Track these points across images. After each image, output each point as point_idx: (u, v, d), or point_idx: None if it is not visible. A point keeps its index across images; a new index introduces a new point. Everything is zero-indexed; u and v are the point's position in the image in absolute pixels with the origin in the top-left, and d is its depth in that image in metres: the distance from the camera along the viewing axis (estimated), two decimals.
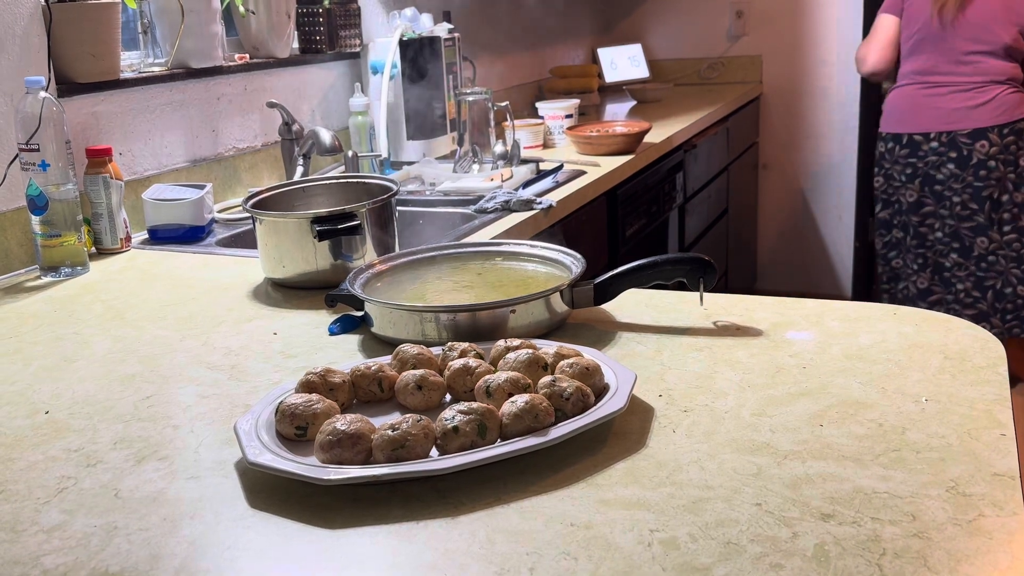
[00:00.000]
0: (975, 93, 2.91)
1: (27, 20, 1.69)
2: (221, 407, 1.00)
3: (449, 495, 0.79)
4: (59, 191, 1.55)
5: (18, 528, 0.78)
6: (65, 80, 1.78)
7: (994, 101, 2.88)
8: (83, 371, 1.13)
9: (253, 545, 0.74)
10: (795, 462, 0.81)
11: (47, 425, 0.98)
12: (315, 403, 0.89)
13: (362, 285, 1.23)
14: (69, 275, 1.58)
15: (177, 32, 2.00)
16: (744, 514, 0.74)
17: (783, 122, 4.27)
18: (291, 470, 0.80)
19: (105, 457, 0.90)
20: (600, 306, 1.20)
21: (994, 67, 2.88)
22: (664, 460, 0.83)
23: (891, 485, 0.77)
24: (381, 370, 0.97)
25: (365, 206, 1.41)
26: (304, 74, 2.43)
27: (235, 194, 2.18)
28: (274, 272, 1.43)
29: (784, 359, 1.04)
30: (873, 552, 0.68)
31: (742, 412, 0.92)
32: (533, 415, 0.84)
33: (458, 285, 1.27)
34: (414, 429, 0.82)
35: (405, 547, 0.72)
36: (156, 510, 0.79)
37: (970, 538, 0.69)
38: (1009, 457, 0.81)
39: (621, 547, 0.70)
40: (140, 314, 1.35)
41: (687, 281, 1.18)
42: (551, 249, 1.30)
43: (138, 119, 1.95)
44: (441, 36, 2.51)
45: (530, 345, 1.00)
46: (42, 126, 1.51)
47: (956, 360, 1.02)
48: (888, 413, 0.90)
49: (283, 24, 2.29)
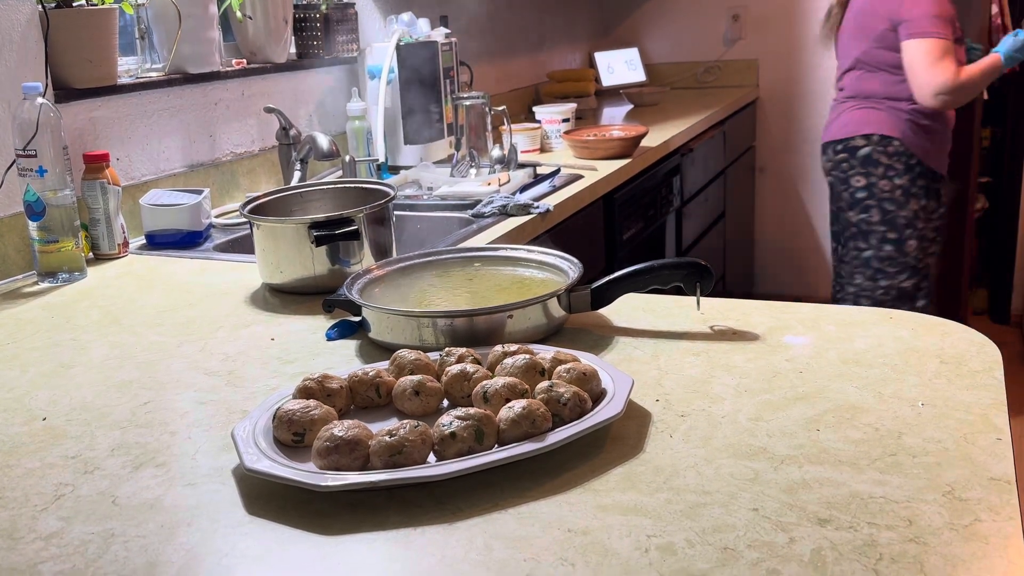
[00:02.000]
0: (834, 108, 2.93)
1: (24, 26, 1.69)
2: (218, 413, 1.00)
3: (447, 501, 0.79)
4: (56, 197, 1.55)
5: (15, 536, 0.78)
6: (62, 86, 1.78)
7: (841, 117, 2.85)
8: (80, 377, 1.13)
9: (251, 552, 0.74)
10: (792, 467, 0.82)
11: (44, 432, 0.98)
12: (312, 409, 0.89)
13: (359, 290, 1.24)
14: (66, 281, 1.58)
15: (174, 37, 2.00)
16: (741, 519, 0.74)
17: (780, 126, 4.28)
18: (289, 476, 0.80)
19: (102, 464, 0.90)
20: (597, 311, 1.20)
21: (850, 83, 2.85)
22: (661, 465, 0.83)
23: (887, 490, 0.77)
24: (379, 375, 0.97)
25: (362, 211, 1.41)
26: (301, 79, 2.43)
27: (233, 199, 2.18)
28: (272, 277, 1.43)
29: (781, 363, 1.04)
30: (870, 557, 0.68)
31: (739, 417, 0.92)
32: (530, 421, 0.84)
33: (455, 290, 1.28)
34: (411, 435, 0.82)
35: (403, 553, 0.72)
36: (153, 517, 0.79)
37: (966, 543, 0.70)
38: (1005, 462, 0.81)
39: (619, 553, 0.70)
40: (137, 320, 1.35)
41: (684, 286, 1.19)
42: (548, 254, 1.30)
43: (135, 124, 1.95)
44: (438, 41, 2.51)
45: (527, 350, 1.00)
46: (39, 132, 1.52)
47: (952, 364, 1.02)
48: (884, 418, 0.90)
49: (280, 29, 2.29)
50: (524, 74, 3.70)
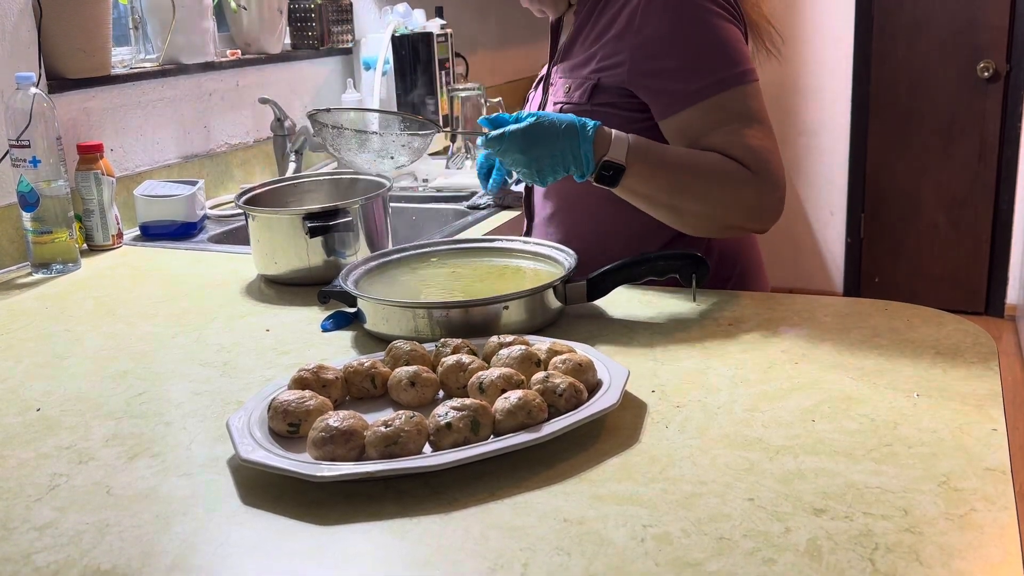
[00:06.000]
0: None
1: (17, 15, 1.68)
2: (213, 404, 1.00)
3: (442, 491, 0.79)
4: (50, 187, 1.54)
5: (9, 526, 0.77)
6: (56, 76, 1.77)
7: None
8: (75, 368, 1.13)
9: (246, 542, 0.74)
10: (787, 457, 0.82)
11: (39, 422, 0.98)
12: (308, 400, 0.89)
13: (355, 281, 1.23)
14: (60, 272, 1.57)
15: (168, 28, 1.99)
16: (737, 509, 0.74)
17: (775, 120, 4.24)
18: (284, 467, 0.80)
19: (97, 454, 0.89)
20: (593, 302, 1.20)
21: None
22: (657, 455, 0.83)
23: (883, 480, 0.77)
24: (374, 366, 0.97)
25: (358, 202, 1.41)
26: (296, 70, 2.42)
27: (227, 190, 2.17)
28: (267, 268, 1.43)
29: (776, 354, 1.04)
30: (865, 547, 0.68)
31: (735, 407, 0.92)
32: (526, 411, 0.84)
33: (451, 281, 1.27)
34: (407, 425, 0.82)
35: (398, 543, 0.72)
36: (148, 507, 0.79)
37: (962, 532, 0.70)
38: (1000, 452, 0.81)
39: (614, 542, 0.70)
40: (132, 311, 1.34)
41: (680, 277, 1.19)
42: (543, 245, 1.30)
43: (129, 115, 1.94)
44: (434, 32, 2.51)
45: (523, 341, 1.00)
46: (33, 122, 1.51)
47: (948, 355, 1.02)
48: (880, 408, 0.90)
49: (275, 19, 2.28)
50: (520, 65, 3.70)
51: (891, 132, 4.18)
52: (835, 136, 4.20)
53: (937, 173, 4.15)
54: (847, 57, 4.10)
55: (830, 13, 4.07)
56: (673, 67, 1.21)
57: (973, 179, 4.09)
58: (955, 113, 4.06)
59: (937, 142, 4.12)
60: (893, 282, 4.32)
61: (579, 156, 1.14)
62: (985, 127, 4.03)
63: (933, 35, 4.02)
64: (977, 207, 4.11)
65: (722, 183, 1.18)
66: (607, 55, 1.25)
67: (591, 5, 1.30)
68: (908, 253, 4.28)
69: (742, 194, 1.19)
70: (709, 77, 1.19)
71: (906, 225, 4.25)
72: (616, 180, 1.16)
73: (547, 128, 1.13)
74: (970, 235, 4.15)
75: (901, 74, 4.10)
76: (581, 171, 1.15)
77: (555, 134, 1.13)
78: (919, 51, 4.06)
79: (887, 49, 4.10)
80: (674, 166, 1.18)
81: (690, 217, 1.21)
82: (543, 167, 1.14)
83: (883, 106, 4.16)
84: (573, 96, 1.28)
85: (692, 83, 1.20)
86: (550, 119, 1.14)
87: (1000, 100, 3.98)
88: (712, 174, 1.18)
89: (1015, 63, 3.91)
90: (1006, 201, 4.04)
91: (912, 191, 4.20)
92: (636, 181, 1.17)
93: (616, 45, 1.24)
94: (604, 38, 1.26)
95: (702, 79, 1.19)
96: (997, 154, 4.03)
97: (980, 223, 4.12)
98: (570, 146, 1.13)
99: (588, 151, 1.14)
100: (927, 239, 4.23)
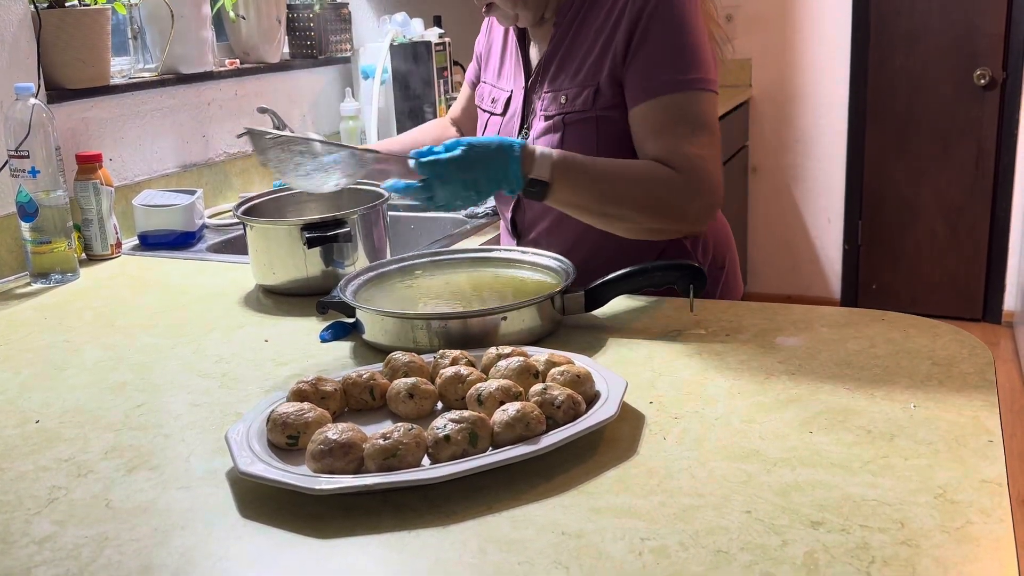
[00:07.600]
0: None
1: (16, 26, 1.69)
2: (212, 416, 1.00)
3: (441, 504, 0.79)
4: (49, 197, 1.54)
5: (8, 539, 0.78)
6: (55, 86, 1.77)
7: None
8: (73, 379, 1.13)
9: (244, 555, 0.74)
10: (784, 469, 0.82)
11: (37, 434, 0.98)
12: (307, 412, 0.89)
13: (353, 292, 1.24)
14: (59, 282, 1.57)
15: (167, 38, 1.99)
16: (734, 522, 0.74)
17: (772, 126, 4.29)
18: (283, 480, 0.80)
19: (96, 467, 0.90)
20: (591, 313, 1.20)
21: None
22: (655, 468, 0.83)
23: (880, 492, 0.77)
24: (373, 378, 0.97)
25: (356, 213, 1.41)
26: (295, 79, 2.42)
27: (226, 199, 2.17)
28: (265, 279, 1.43)
29: (773, 365, 1.05)
30: (862, 560, 0.69)
31: (732, 419, 0.92)
32: (524, 423, 0.84)
33: (449, 292, 1.28)
34: (405, 438, 0.82)
35: (397, 557, 0.73)
36: (147, 520, 0.79)
37: (958, 545, 0.70)
38: (997, 463, 0.81)
39: (612, 556, 0.71)
40: (131, 321, 1.35)
41: (677, 287, 1.19)
42: (542, 255, 1.30)
43: (128, 125, 1.95)
44: (432, 41, 2.51)
45: (521, 352, 1.00)
46: (32, 132, 1.51)
47: (944, 366, 1.02)
48: (877, 420, 0.90)
49: (273, 29, 2.29)
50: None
51: (888, 139, 4.19)
52: (833, 143, 4.21)
53: (934, 180, 4.16)
54: (844, 65, 4.11)
55: (828, 21, 4.08)
56: (643, 64, 1.27)
57: (970, 186, 4.10)
58: (952, 120, 4.07)
59: (934, 149, 4.13)
60: (891, 289, 4.33)
61: (508, 175, 1.20)
62: (982, 134, 4.04)
63: (930, 43, 4.03)
64: (974, 214, 4.12)
65: (647, 189, 1.24)
66: (599, 57, 1.30)
67: (572, 15, 1.34)
68: (905, 259, 4.28)
69: (667, 199, 1.25)
70: (674, 76, 1.25)
71: (903, 232, 4.25)
72: (543, 194, 1.23)
73: (480, 152, 1.19)
74: (967, 242, 4.16)
75: (898, 81, 4.11)
76: (511, 188, 1.22)
77: (488, 156, 1.19)
78: (916, 59, 4.07)
79: (884, 57, 4.11)
80: (599, 177, 1.25)
81: (619, 222, 1.28)
82: (480, 188, 1.20)
83: (880, 113, 4.17)
84: (576, 104, 1.32)
85: (654, 80, 1.26)
86: (481, 143, 1.20)
87: (997, 107, 3.99)
88: (637, 181, 1.25)
89: (1011, 70, 3.92)
90: (1003, 208, 4.04)
91: (910, 198, 4.21)
92: (563, 194, 1.23)
93: (605, 48, 1.29)
94: (598, 40, 1.31)
95: (666, 76, 1.25)
96: (994, 161, 4.04)
97: (977, 230, 4.13)
98: (502, 166, 1.20)
99: (516, 170, 1.20)
100: (925, 246, 4.23)
